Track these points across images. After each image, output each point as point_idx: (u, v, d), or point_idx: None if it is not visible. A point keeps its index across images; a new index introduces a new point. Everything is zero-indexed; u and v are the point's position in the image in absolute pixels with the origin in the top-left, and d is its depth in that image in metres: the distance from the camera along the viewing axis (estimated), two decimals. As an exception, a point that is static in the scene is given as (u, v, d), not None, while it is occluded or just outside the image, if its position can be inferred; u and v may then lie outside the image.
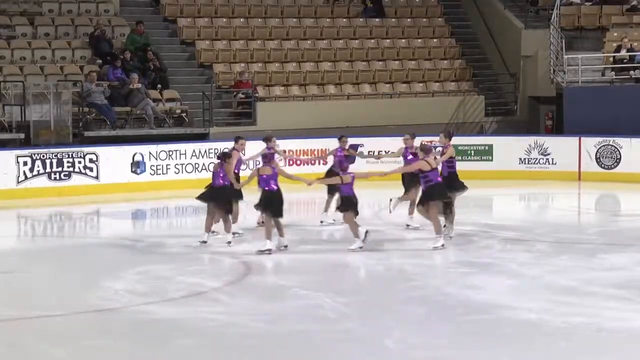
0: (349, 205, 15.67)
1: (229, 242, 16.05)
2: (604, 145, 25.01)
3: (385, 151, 22.51)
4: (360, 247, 15.64)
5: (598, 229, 18.85)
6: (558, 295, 12.80)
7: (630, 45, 27.57)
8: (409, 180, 17.43)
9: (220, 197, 16.15)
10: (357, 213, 15.75)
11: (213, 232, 16.48)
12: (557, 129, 28.05)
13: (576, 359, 10.36)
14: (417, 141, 17.82)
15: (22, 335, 11.33)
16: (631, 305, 12.37)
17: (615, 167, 24.89)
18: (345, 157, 17.49)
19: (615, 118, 25.73)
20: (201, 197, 16.41)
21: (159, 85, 26.51)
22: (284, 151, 22.51)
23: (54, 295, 13.28)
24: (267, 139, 17.75)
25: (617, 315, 11.80)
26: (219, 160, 16.44)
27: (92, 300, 12.82)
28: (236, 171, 17.11)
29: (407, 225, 17.70)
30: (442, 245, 15.73)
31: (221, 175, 16.14)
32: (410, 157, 17.58)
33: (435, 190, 15.82)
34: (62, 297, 13.16)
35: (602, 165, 25.06)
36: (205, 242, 16.21)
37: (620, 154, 24.91)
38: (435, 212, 15.95)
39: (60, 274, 14.82)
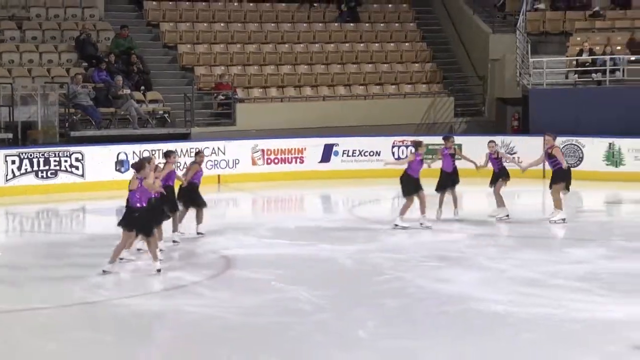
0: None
1: (159, 270, 14.09)
2: (567, 145, 25.05)
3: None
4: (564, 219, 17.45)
5: (562, 224, 18.71)
6: (524, 288, 13.04)
7: (591, 49, 27.72)
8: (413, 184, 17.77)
9: (140, 221, 14.05)
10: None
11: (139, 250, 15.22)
12: (523, 129, 28.12)
13: (541, 349, 10.52)
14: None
15: (11, 328, 11.51)
16: (593, 296, 12.61)
17: (578, 165, 24.89)
18: (452, 156, 18.30)
19: (578, 118, 25.93)
20: (124, 224, 14.24)
21: (143, 87, 26.63)
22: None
23: (41, 289, 13.43)
24: (416, 144, 18.01)
25: (580, 307, 12.06)
26: (135, 172, 14.17)
27: (78, 293, 12.98)
28: (196, 181, 16.61)
29: (421, 224, 17.78)
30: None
31: (137, 195, 13.97)
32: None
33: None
34: (50, 291, 13.29)
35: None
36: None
37: (582, 152, 25.17)
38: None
39: (48, 269, 14.86)
